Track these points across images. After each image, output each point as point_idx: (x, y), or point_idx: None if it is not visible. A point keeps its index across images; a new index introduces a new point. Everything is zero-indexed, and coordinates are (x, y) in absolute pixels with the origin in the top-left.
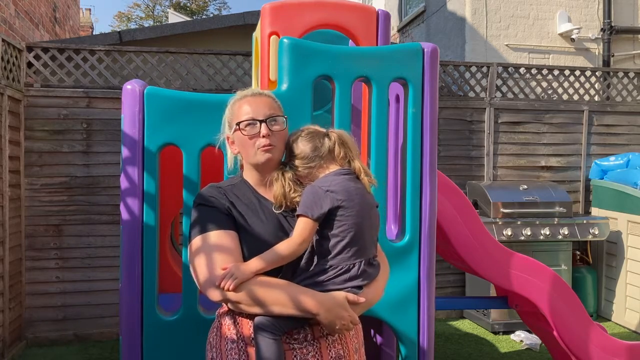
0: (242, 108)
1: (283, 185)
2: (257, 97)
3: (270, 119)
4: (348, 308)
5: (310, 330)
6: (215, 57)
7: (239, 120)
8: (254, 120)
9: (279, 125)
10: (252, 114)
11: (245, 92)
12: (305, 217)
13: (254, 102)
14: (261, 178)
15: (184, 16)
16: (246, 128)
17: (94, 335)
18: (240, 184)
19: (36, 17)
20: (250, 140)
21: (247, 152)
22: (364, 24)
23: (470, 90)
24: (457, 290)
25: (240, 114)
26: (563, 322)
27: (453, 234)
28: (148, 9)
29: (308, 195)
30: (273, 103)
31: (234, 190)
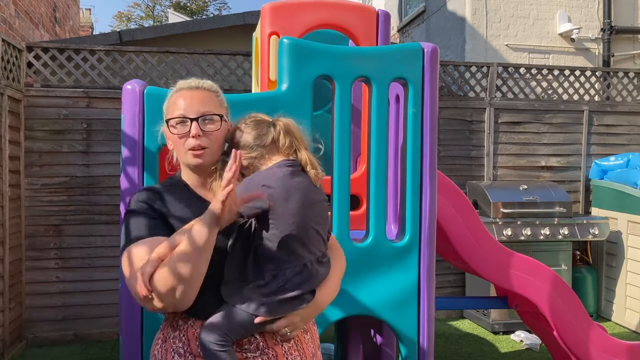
0: (175, 102)
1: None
2: (194, 91)
3: (203, 118)
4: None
5: (262, 338)
6: (215, 57)
7: (170, 117)
8: (185, 118)
9: (214, 125)
10: (183, 110)
11: (182, 84)
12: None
13: (189, 97)
14: (199, 179)
15: (184, 16)
16: (176, 126)
17: (94, 335)
18: (178, 185)
19: (36, 17)
20: (180, 139)
21: (179, 152)
22: (364, 24)
23: (470, 90)
24: (457, 290)
25: (173, 110)
26: (563, 322)
27: (453, 234)
28: (148, 9)
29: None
30: (212, 98)
31: (172, 193)
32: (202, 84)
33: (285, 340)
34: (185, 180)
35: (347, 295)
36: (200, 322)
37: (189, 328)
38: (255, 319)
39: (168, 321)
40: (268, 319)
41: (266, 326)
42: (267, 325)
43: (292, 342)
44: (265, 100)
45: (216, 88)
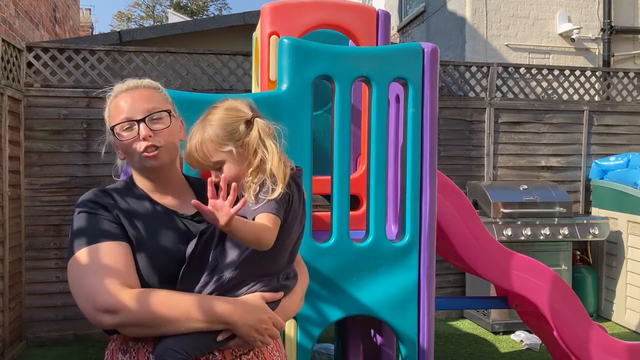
0: (117, 107)
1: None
2: (134, 92)
3: (150, 117)
4: (268, 309)
5: (221, 355)
6: (215, 57)
7: (114, 124)
8: (130, 121)
9: (162, 124)
10: (126, 113)
11: (120, 87)
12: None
13: (130, 98)
14: (156, 185)
15: (184, 16)
16: (122, 133)
17: (94, 335)
18: (131, 189)
19: (36, 17)
20: (131, 145)
21: (132, 159)
22: (364, 24)
23: (470, 90)
24: (457, 290)
25: (115, 115)
26: (563, 322)
27: (453, 234)
28: (148, 9)
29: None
30: (154, 95)
31: (124, 196)
32: (141, 82)
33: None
34: (140, 186)
35: (347, 295)
36: (153, 342)
37: (139, 349)
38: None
39: (116, 343)
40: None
41: (229, 342)
42: (230, 341)
43: (251, 353)
44: (265, 100)
45: (156, 84)
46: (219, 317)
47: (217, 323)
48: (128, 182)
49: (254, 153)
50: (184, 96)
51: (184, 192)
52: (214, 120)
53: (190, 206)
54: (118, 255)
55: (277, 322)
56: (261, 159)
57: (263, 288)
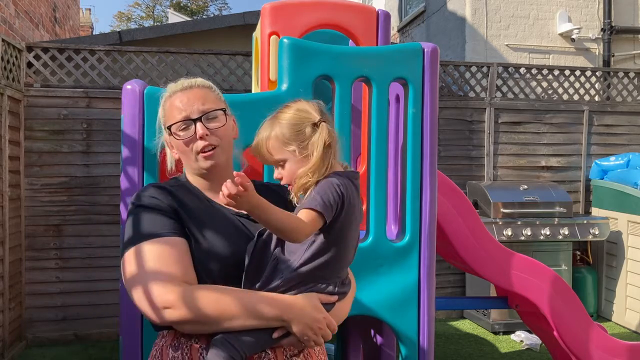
0: (172, 107)
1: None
2: (189, 91)
3: (205, 116)
4: (323, 310)
5: (274, 354)
6: (215, 57)
7: (170, 123)
8: (187, 120)
9: (218, 122)
10: (183, 112)
11: (174, 87)
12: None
13: (185, 98)
14: (211, 184)
15: (184, 16)
16: (179, 132)
17: (94, 335)
18: (187, 187)
19: (36, 17)
20: (188, 144)
21: (187, 158)
22: (364, 24)
23: (470, 90)
24: (457, 290)
25: (171, 115)
26: (563, 322)
27: (453, 234)
28: (148, 9)
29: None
30: (208, 95)
31: (179, 193)
32: (195, 82)
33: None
34: (194, 184)
35: None
36: (206, 339)
37: (192, 345)
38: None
39: (166, 339)
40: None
41: (284, 340)
42: (284, 339)
43: (301, 355)
44: (266, 100)
45: (209, 83)
46: (275, 314)
47: (273, 320)
48: (182, 180)
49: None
50: None
51: None
52: (284, 119)
53: None
54: (176, 251)
55: (331, 324)
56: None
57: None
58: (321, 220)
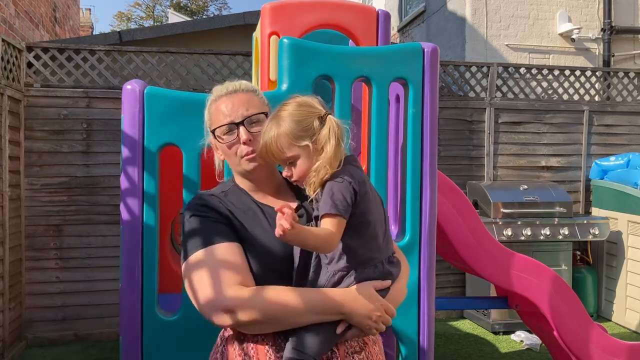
0: (217, 111)
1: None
2: (233, 96)
3: (248, 120)
4: (379, 297)
5: (337, 352)
6: (215, 57)
7: (215, 127)
8: (231, 124)
9: (262, 125)
10: (228, 117)
11: (220, 91)
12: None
13: (230, 102)
14: (256, 186)
15: (184, 16)
16: (224, 136)
17: (94, 335)
18: (234, 191)
19: (36, 17)
20: (232, 148)
21: (232, 161)
22: (364, 24)
23: (470, 90)
24: (457, 290)
25: (217, 119)
26: (563, 322)
27: (453, 234)
28: (148, 9)
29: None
30: (252, 99)
31: (229, 198)
32: (239, 85)
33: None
34: (241, 186)
35: None
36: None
37: (259, 342)
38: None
39: (233, 333)
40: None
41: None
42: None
43: (363, 353)
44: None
45: (253, 86)
46: (334, 308)
47: (333, 314)
48: (231, 184)
49: (321, 150)
50: (184, 96)
51: (283, 192)
52: (288, 116)
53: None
54: (232, 255)
55: (389, 309)
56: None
57: (372, 275)
58: (344, 221)
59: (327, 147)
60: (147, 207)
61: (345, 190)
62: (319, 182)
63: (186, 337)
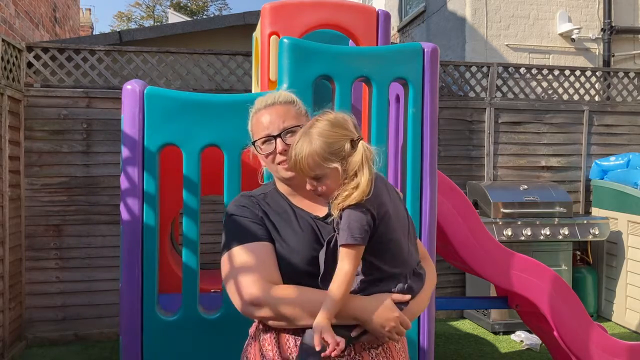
0: (258, 123)
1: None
2: (271, 108)
3: (285, 132)
4: (396, 309)
5: (352, 345)
6: (215, 57)
7: (255, 139)
8: (269, 137)
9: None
10: (266, 130)
11: (260, 104)
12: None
13: (268, 115)
14: (293, 189)
15: (184, 16)
16: (262, 146)
17: (94, 335)
18: (273, 193)
19: (36, 17)
20: (270, 157)
21: (271, 168)
22: (364, 24)
23: (470, 90)
24: (457, 290)
25: (257, 130)
26: (563, 322)
27: (453, 234)
28: (148, 9)
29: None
30: (289, 111)
31: (267, 199)
32: (278, 97)
33: (372, 347)
34: (280, 189)
35: None
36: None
37: (280, 332)
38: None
39: (259, 324)
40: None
41: (362, 337)
42: (362, 336)
43: (380, 349)
44: None
45: (292, 98)
46: (350, 313)
47: (349, 319)
48: (271, 187)
49: (353, 175)
50: (184, 96)
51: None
52: (319, 135)
53: (324, 208)
54: (263, 254)
55: (404, 322)
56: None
57: (393, 289)
58: (362, 246)
59: (360, 176)
60: (147, 207)
61: (362, 219)
62: (343, 206)
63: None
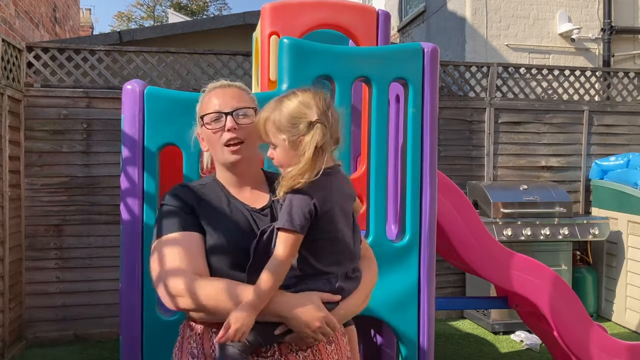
0: (209, 101)
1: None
2: (226, 89)
3: (237, 111)
4: (323, 308)
5: (278, 347)
6: (215, 57)
7: (204, 113)
8: (219, 113)
9: (248, 119)
10: (217, 106)
11: (214, 84)
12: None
13: (222, 94)
14: (236, 179)
15: (184, 16)
16: (211, 122)
17: (94, 335)
18: (212, 184)
19: (36, 17)
20: (215, 134)
21: (215, 150)
22: (364, 24)
23: (470, 90)
24: (457, 290)
25: (206, 107)
26: (563, 322)
27: (453, 234)
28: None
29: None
30: (244, 95)
31: (203, 189)
32: (234, 83)
33: (300, 349)
34: (220, 180)
35: None
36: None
37: (204, 328)
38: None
39: (188, 320)
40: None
41: (286, 336)
42: (287, 335)
43: (309, 351)
44: (266, 100)
45: (246, 87)
46: (273, 309)
47: (271, 315)
48: (210, 178)
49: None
50: (184, 96)
51: (260, 187)
52: (285, 107)
53: (263, 200)
54: (189, 243)
55: (331, 322)
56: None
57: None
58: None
59: (304, 156)
60: (147, 207)
61: (305, 207)
62: (289, 188)
63: None
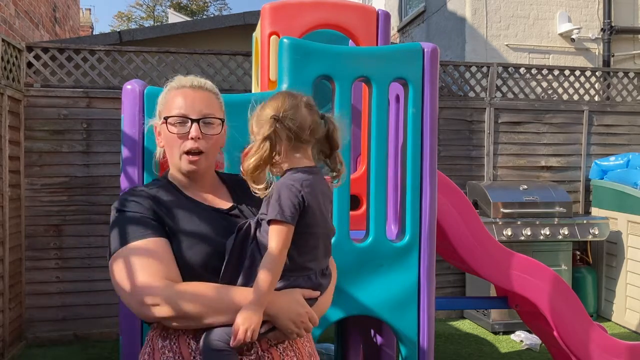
0: (175, 99)
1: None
2: (196, 91)
3: (204, 120)
4: (306, 305)
5: (258, 343)
6: (215, 57)
7: (169, 115)
8: (185, 118)
9: (214, 129)
10: (184, 109)
11: (184, 81)
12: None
13: (191, 96)
14: (191, 182)
15: (184, 16)
16: (175, 125)
17: (94, 335)
18: (166, 186)
19: (36, 17)
20: (177, 139)
21: (172, 152)
22: (364, 24)
23: (470, 90)
24: (457, 290)
25: (172, 107)
26: (563, 322)
27: (453, 233)
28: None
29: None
30: (213, 101)
31: (159, 193)
32: (205, 84)
33: (279, 342)
34: (174, 181)
35: (347, 295)
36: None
37: (180, 336)
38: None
39: (156, 331)
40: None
41: (269, 333)
42: (270, 332)
43: (286, 342)
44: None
45: (217, 90)
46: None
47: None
48: (163, 180)
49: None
50: None
51: (216, 189)
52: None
53: (224, 201)
54: (158, 250)
55: (313, 317)
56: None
57: (303, 284)
58: (292, 228)
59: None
60: None
61: (294, 198)
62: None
63: None
